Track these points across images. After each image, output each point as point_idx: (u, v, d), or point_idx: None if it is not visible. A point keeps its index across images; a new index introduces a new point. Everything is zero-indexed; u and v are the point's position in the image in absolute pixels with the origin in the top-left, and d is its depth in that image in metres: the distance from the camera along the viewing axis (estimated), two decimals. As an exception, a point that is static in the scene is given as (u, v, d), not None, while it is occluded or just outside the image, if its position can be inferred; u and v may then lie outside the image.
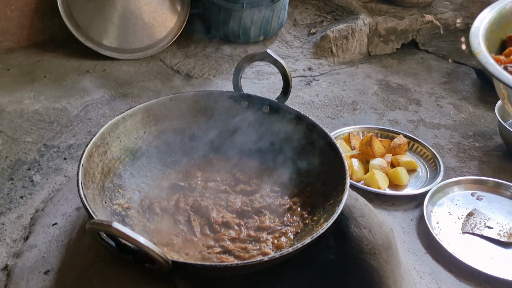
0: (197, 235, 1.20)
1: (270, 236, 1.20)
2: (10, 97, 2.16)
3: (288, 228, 1.22)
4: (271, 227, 1.22)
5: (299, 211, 1.27)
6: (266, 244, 1.17)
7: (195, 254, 1.15)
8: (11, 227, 1.50)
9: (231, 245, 1.17)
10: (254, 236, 1.19)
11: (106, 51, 2.49)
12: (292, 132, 1.41)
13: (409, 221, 1.59)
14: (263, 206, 1.28)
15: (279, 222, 1.24)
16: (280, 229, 1.22)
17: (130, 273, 1.06)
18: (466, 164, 1.85)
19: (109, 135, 1.30)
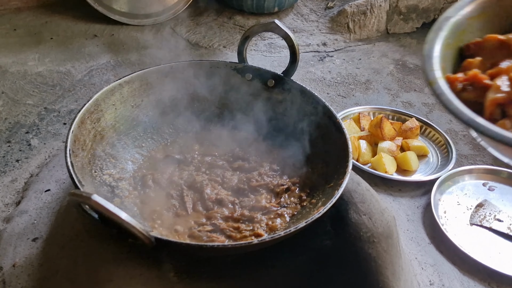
0: (189, 211, 1.15)
1: (265, 216, 1.14)
2: (14, 58, 2.11)
3: (284, 210, 1.16)
4: (266, 207, 1.16)
5: (297, 192, 1.21)
6: (259, 225, 1.12)
7: (184, 231, 1.09)
8: (4, 190, 1.46)
9: (223, 223, 1.11)
10: (248, 216, 1.13)
11: (116, 16, 2.42)
12: (297, 109, 1.33)
13: (415, 209, 1.52)
14: (260, 185, 1.22)
15: (275, 202, 1.18)
16: (276, 210, 1.16)
17: (114, 247, 1.01)
18: (480, 152, 1.76)
19: (104, 102, 1.24)
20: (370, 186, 1.37)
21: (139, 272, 0.98)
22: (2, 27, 2.36)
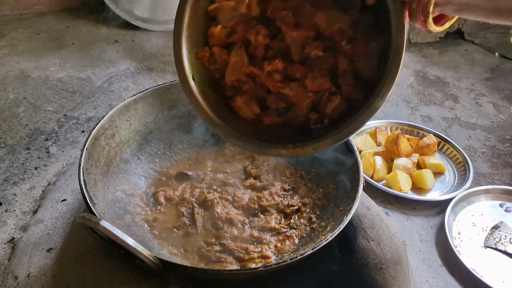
0: (199, 229, 1.16)
1: (274, 238, 1.14)
2: (36, 63, 2.15)
3: (293, 231, 1.16)
4: (276, 228, 1.16)
5: (307, 213, 1.21)
6: (268, 247, 1.12)
7: (193, 250, 1.11)
8: (22, 198, 1.49)
9: (232, 244, 1.12)
10: (257, 236, 1.14)
11: (137, 21, 2.44)
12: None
13: (429, 229, 1.50)
14: (270, 205, 1.22)
15: (285, 223, 1.18)
16: (285, 231, 1.16)
17: (122, 267, 1.03)
18: (499, 171, 1.73)
19: (119, 118, 1.26)
20: (382, 206, 1.37)
21: (146, 292, 0.99)
22: (26, 31, 2.41)
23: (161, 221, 1.18)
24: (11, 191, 1.51)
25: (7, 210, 1.45)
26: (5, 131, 1.75)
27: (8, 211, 1.45)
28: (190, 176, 1.31)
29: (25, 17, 2.52)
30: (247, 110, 1.01)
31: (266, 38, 0.95)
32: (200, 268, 0.97)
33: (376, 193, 1.57)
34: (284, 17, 0.93)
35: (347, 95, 0.95)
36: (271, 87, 0.97)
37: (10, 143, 1.70)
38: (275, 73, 0.96)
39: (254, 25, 0.96)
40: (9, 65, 2.13)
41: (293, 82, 0.96)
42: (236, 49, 0.98)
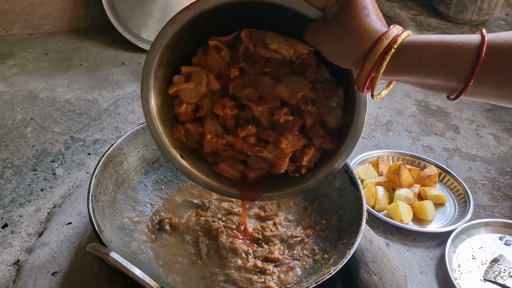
0: (203, 258, 1.17)
1: (277, 269, 1.16)
2: (44, 83, 2.19)
3: (296, 263, 1.18)
4: (279, 259, 1.18)
5: (310, 245, 1.23)
6: (271, 278, 1.14)
7: (197, 280, 1.12)
8: (28, 220, 1.51)
9: (236, 274, 1.13)
10: (260, 267, 1.15)
11: (144, 44, 2.49)
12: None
13: (429, 260, 1.51)
14: (274, 235, 1.24)
15: (288, 254, 1.20)
16: (288, 262, 1.18)
17: (128, 296, 1.04)
18: (499, 203, 1.75)
19: (127, 145, 1.29)
20: (383, 236, 1.39)
21: (152, 322, 1.01)
22: (35, 51, 2.45)
23: (166, 249, 1.19)
24: (17, 212, 1.53)
25: (12, 232, 1.46)
26: (12, 151, 1.78)
27: (14, 232, 1.46)
28: (196, 204, 1.33)
29: (35, 37, 2.56)
30: (231, 172, 1.08)
31: (233, 109, 1.00)
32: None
33: (378, 224, 1.58)
34: (247, 95, 0.99)
35: (319, 146, 1.01)
36: (249, 152, 1.03)
37: (17, 164, 1.72)
38: (250, 137, 1.01)
39: (218, 98, 1.01)
40: (18, 85, 2.16)
41: (269, 144, 1.01)
42: (209, 121, 1.03)
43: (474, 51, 0.70)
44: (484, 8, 2.68)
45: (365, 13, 0.75)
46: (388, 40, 0.73)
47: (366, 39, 0.75)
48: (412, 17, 2.81)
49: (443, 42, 0.72)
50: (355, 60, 0.78)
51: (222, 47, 0.98)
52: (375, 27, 0.75)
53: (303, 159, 1.02)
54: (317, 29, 0.83)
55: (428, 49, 0.73)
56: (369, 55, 0.75)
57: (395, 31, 0.74)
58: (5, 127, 1.89)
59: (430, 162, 1.84)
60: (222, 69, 1.00)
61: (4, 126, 1.90)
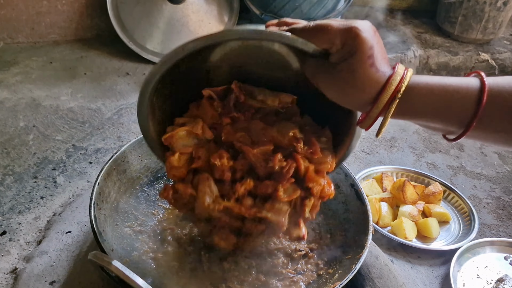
0: (205, 271, 1.15)
1: (280, 283, 1.13)
2: (48, 92, 2.18)
3: (300, 277, 1.15)
4: (282, 273, 1.16)
5: (315, 259, 1.20)
6: (274, 292, 1.11)
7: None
8: (27, 228, 1.49)
9: (238, 287, 1.11)
10: (263, 281, 1.13)
11: (149, 55, 2.49)
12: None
13: (433, 279, 1.49)
14: (278, 249, 1.22)
15: (292, 268, 1.18)
16: (292, 276, 1.15)
17: (128, 307, 1.02)
18: (504, 223, 1.73)
19: (131, 154, 1.27)
20: (387, 253, 1.37)
21: (152, 334, 0.98)
22: (39, 59, 2.45)
23: (167, 260, 1.17)
24: (16, 220, 1.51)
25: (11, 239, 1.44)
26: (13, 158, 1.76)
27: (12, 240, 1.44)
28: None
29: (40, 46, 2.56)
30: (225, 244, 1.08)
31: (229, 161, 1.00)
32: (207, 313, 0.96)
33: (381, 240, 1.56)
34: (240, 138, 1.00)
35: (318, 194, 1.02)
36: (248, 215, 1.01)
37: (18, 171, 1.70)
38: (246, 199, 1.00)
39: (214, 149, 1.01)
40: (21, 92, 2.16)
41: (265, 203, 1.00)
42: (203, 182, 1.01)
43: (474, 99, 0.73)
44: (489, 28, 2.69)
45: (370, 62, 0.75)
46: (392, 88, 0.75)
47: (371, 89, 0.77)
48: (417, 34, 2.82)
49: (444, 89, 0.75)
50: (360, 106, 0.81)
51: (214, 97, 1.02)
52: (379, 76, 0.76)
53: (304, 212, 1.01)
54: (319, 71, 0.83)
55: (430, 97, 0.75)
56: (375, 103, 0.77)
57: (397, 77, 0.75)
58: (7, 134, 1.88)
59: (434, 179, 1.82)
60: (214, 120, 1.04)
61: (6, 133, 1.89)
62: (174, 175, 1.03)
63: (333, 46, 0.78)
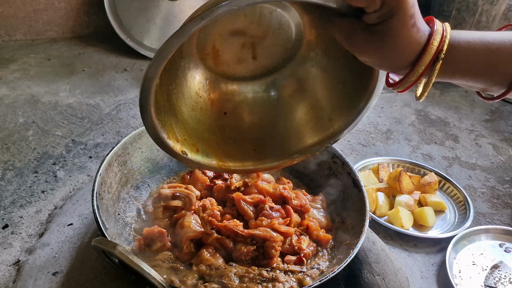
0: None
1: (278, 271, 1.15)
2: (47, 88, 2.20)
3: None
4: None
5: (314, 246, 1.22)
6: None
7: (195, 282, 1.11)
8: (29, 221, 1.51)
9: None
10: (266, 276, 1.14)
11: (146, 51, 2.50)
12: (317, 162, 1.36)
13: (430, 266, 1.52)
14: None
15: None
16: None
17: (131, 293, 1.04)
18: (499, 211, 1.76)
19: (131, 145, 1.29)
20: (384, 241, 1.40)
21: (155, 319, 1.00)
22: (37, 56, 2.46)
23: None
24: (17, 213, 1.53)
25: (13, 232, 1.46)
26: (14, 154, 1.78)
27: (14, 233, 1.46)
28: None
29: (37, 43, 2.58)
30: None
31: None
32: (208, 296, 0.98)
33: (379, 229, 1.59)
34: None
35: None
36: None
37: (18, 166, 1.72)
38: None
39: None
40: (20, 89, 2.17)
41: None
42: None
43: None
44: (483, 21, 2.71)
45: (412, 22, 0.70)
46: (434, 49, 0.72)
47: (411, 50, 0.73)
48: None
49: (487, 47, 0.72)
50: (400, 68, 0.76)
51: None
52: (420, 36, 0.72)
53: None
54: (355, 34, 0.75)
55: (473, 56, 0.72)
56: (416, 65, 0.73)
57: (438, 35, 0.72)
58: (7, 130, 1.90)
59: (430, 170, 1.85)
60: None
61: (6, 129, 1.90)
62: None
63: (371, 5, 0.69)
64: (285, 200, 1.23)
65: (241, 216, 1.20)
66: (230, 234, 1.13)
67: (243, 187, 1.26)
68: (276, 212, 1.19)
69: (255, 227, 1.15)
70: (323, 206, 1.28)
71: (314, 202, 1.28)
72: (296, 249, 1.13)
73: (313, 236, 1.17)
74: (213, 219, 1.15)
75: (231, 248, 1.11)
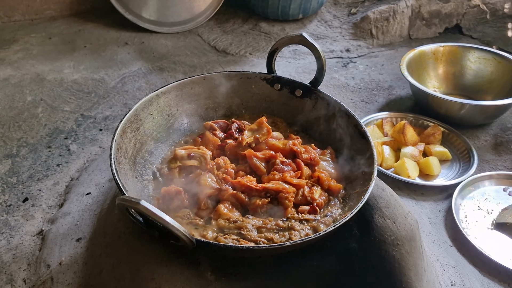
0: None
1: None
2: (51, 66, 2.22)
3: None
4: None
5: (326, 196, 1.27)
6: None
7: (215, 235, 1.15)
8: (47, 193, 1.56)
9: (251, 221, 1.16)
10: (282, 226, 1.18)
11: (145, 24, 2.52)
12: (324, 117, 1.40)
13: (437, 212, 1.57)
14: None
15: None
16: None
17: (155, 248, 1.09)
18: (502, 157, 1.80)
19: (143, 112, 1.33)
20: (394, 191, 1.44)
21: (180, 271, 1.06)
22: (38, 35, 2.47)
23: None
24: (36, 187, 1.58)
25: (33, 205, 1.51)
26: (25, 131, 1.82)
27: (35, 205, 1.51)
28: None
29: (37, 22, 2.59)
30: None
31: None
32: (232, 246, 1.03)
33: (386, 181, 1.61)
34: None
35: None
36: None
37: (31, 142, 1.76)
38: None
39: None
40: (25, 68, 2.20)
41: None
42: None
43: None
44: None
45: None
46: None
47: None
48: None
49: None
50: None
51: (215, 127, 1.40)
52: None
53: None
54: None
55: None
56: None
57: None
58: (16, 109, 1.93)
59: (433, 122, 1.88)
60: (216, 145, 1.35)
61: (15, 108, 1.94)
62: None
63: None
64: (295, 154, 1.27)
65: (254, 172, 1.25)
66: (244, 189, 1.17)
67: (254, 143, 1.30)
68: (287, 166, 1.23)
69: (268, 181, 1.20)
70: (332, 159, 1.32)
71: (324, 155, 1.32)
72: (309, 199, 1.18)
73: (325, 186, 1.22)
74: (228, 176, 1.20)
75: (246, 202, 1.16)
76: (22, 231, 1.42)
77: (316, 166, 1.28)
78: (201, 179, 1.18)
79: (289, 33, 2.60)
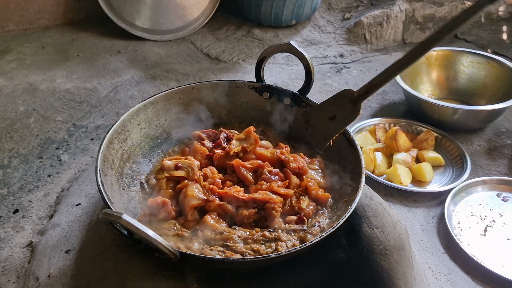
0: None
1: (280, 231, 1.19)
2: (44, 76, 2.22)
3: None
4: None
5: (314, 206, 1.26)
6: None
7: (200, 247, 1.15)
8: (38, 204, 1.55)
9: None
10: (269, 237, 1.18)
11: (138, 32, 2.52)
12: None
13: (430, 219, 1.56)
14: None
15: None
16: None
17: (141, 261, 1.09)
18: (496, 162, 1.79)
19: (130, 122, 1.32)
20: (384, 199, 1.44)
21: (165, 284, 1.05)
22: (31, 45, 2.48)
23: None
24: (26, 198, 1.57)
25: (24, 216, 1.51)
26: (17, 141, 1.82)
27: (25, 217, 1.51)
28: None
29: (30, 32, 2.59)
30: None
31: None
32: (216, 258, 1.02)
33: (378, 187, 1.63)
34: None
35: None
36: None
37: (23, 153, 1.76)
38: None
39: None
40: (17, 78, 2.20)
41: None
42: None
43: None
44: None
45: None
46: None
47: None
48: None
49: None
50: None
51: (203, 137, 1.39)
52: None
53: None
54: None
55: None
56: None
57: None
58: (8, 119, 1.93)
59: (426, 127, 1.87)
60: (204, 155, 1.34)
61: (7, 118, 1.93)
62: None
63: None
64: (283, 163, 1.26)
65: (241, 182, 1.24)
66: (231, 200, 1.16)
67: (241, 153, 1.29)
68: (275, 176, 1.23)
69: (255, 191, 1.19)
70: (321, 167, 1.31)
71: (312, 164, 1.32)
72: (296, 209, 1.17)
73: (312, 195, 1.21)
74: (215, 186, 1.19)
75: (233, 213, 1.15)
76: (12, 243, 1.41)
77: (304, 175, 1.27)
78: (187, 190, 1.18)
79: (282, 39, 2.60)
